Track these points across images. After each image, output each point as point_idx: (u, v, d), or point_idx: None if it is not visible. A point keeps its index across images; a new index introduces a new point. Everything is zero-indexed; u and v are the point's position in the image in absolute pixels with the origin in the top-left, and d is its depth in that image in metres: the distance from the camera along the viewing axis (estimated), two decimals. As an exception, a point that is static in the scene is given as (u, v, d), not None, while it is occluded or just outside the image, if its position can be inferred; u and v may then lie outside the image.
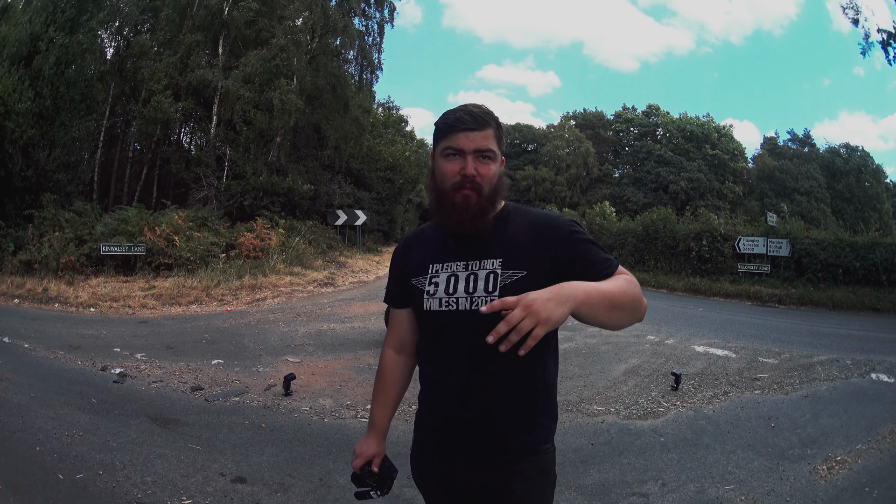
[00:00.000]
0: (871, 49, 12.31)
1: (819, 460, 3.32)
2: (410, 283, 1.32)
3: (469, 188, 1.22)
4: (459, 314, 1.23)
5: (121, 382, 4.58)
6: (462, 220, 1.23)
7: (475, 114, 1.23)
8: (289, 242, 13.51)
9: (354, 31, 18.00)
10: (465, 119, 1.22)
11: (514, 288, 1.17)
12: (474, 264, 1.24)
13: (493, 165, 1.24)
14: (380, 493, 1.41)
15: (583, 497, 2.82)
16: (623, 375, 5.10)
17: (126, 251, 10.87)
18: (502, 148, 1.28)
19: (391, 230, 27.34)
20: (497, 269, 1.21)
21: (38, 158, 12.01)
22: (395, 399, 1.47)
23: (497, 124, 1.26)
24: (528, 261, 1.21)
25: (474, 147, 1.21)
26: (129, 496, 2.64)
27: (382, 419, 1.45)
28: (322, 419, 3.92)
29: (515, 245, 1.23)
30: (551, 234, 1.23)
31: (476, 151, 1.22)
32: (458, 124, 1.23)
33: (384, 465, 1.41)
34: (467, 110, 1.24)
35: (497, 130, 1.25)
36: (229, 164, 16.63)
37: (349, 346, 6.14)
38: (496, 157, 1.25)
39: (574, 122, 41.29)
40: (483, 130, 1.22)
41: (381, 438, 1.44)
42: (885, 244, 12.12)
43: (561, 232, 1.23)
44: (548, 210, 1.30)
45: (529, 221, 1.26)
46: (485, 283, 1.21)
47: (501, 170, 1.28)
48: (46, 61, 12.11)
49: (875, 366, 5.64)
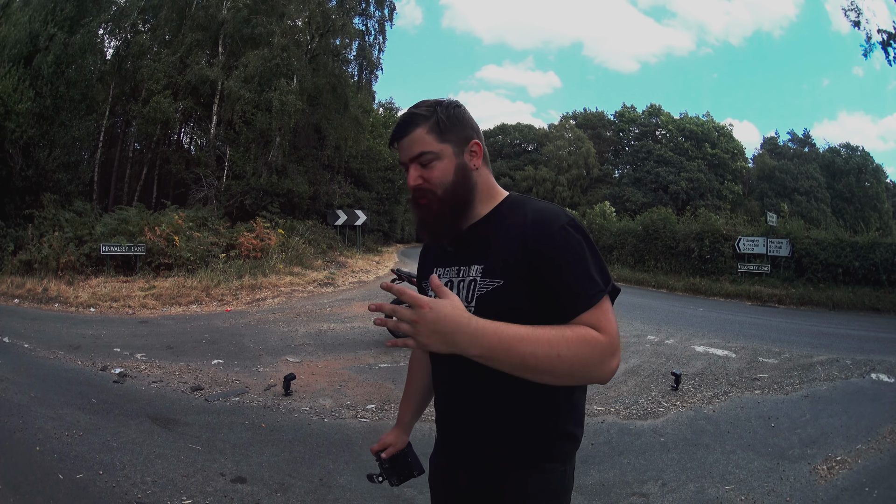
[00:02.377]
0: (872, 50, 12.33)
1: (819, 460, 3.31)
2: (422, 285, 1.29)
3: (423, 198, 1.12)
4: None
5: (121, 382, 4.57)
6: (429, 231, 1.15)
7: (402, 119, 1.12)
8: (289, 242, 13.51)
9: (354, 31, 18.01)
10: (395, 130, 1.13)
11: (490, 298, 1.06)
12: (465, 270, 1.12)
13: (440, 164, 1.10)
14: (383, 479, 1.43)
15: (583, 497, 2.82)
16: (623, 375, 5.10)
17: (126, 251, 10.87)
18: (453, 136, 1.11)
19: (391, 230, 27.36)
20: (477, 276, 1.09)
21: (38, 158, 12.02)
22: (417, 393, 1.44)
23: (433, 115, 1.11)
24: (506, 267, 1.05)
25: (409, 156, 1.11)
26: (129, 496, 2.64)
27: (404, 412, 1.45)
28: (322, 419, 3.92)
29: (499, 248, 1.08)
30: (534, 237, 1.04)
31: (412, 160, 1.11)
32: (392, 138, 1.14)
33: (399, 457, 1.43)
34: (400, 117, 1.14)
35: (435, 123, 1.10)
36: (229, 164, 16.65)
37: (349, 346, 6.14)
38: (441, 155, 1.10)
39: (574, 122, 41.31)
40: (410, 133, 1.10)
41: (400, 431, 1.44)
42: (885, 244, 12.11)
43: (545, 236, 1.03)
44: (550, 205, 1.10)
45: (522, 218, 1.07)
46: (466, 291, 1.09)
47: (461, 161, 1.11)
48: (45, 61, 12.12)
49: (875, 366, 5.64)
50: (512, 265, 1.05)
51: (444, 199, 1.11)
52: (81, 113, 13.37)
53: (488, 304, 1.06)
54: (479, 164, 1.14)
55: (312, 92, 16.95)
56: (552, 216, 1.06)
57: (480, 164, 1.14)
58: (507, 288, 1.05)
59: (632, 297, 11.04)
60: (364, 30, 18.53)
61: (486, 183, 1.15)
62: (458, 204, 1.12)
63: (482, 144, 1.15)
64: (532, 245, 1.04)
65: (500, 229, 1.10)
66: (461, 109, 1.14)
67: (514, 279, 1.05)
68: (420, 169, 1.11)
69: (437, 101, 1.13)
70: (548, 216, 1.07)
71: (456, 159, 1.11)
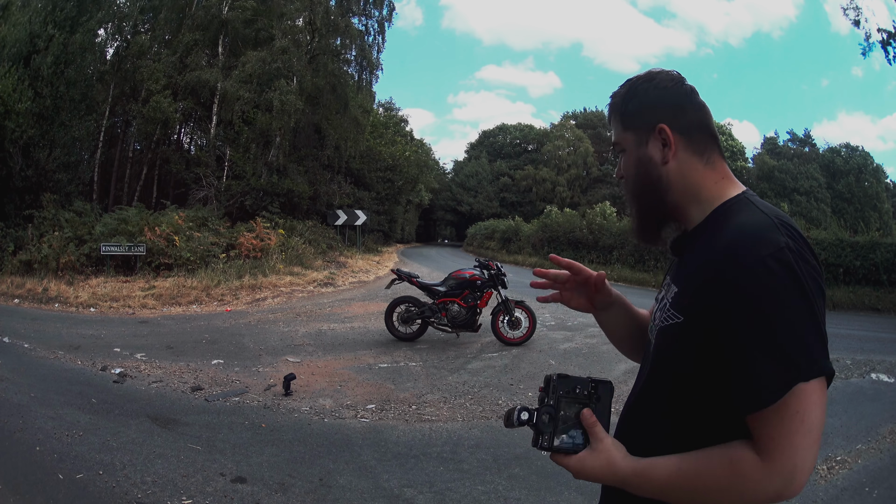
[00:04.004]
0: (871, 49, 12.32)
1: (819, 460, 3.32)
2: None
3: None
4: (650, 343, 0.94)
5: (121, 382, 4.57)
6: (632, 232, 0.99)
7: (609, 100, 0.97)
8: (289, 242, 13.52)
9: (354, 31, 18.01)
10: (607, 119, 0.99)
11: (667, 336, 0.85)
12: (668, 287, 0.92)
13: (624, 157, 0.94)
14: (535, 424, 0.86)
15: (583, 497, 2.81)
16: (623, 375, 5.09)
17: (126, 251, 10.86)
18: (635, 122, 0.90)
19: (391, 230, 27.36)
20: (668, 299, 0.88)
21: (38, 158, 12.02)
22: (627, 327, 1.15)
23: (621, 99, 0.93)
24: (688, 304, 0.81)
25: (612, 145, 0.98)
26: (129, 496, 2.64)
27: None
28: (322, 419, 3.92)
29: (689, 273, 0.84)
30: (717, 269, 0.76)
31: (613, 148, 0.97)
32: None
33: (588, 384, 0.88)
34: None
35: (622, 106, 0.92)
36: (229, 165, 16.65)
37: (349, 346, 6.14)
38: (624, 146, 0.92)
39: (574, 122, 41.32)
40: (610, 121, 0.96)
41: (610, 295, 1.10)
42: (885, 244, 12.11)
43: (730, 270, 0.74)
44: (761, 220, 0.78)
45: (718, 236, 0.81)
46: (659, 314, 0.90)
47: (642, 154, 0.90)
48: (45, 61, 12.12)
49: (875, 366, 5.64)
50: (694, 300, 0.80)
51: (631, 197, 0.94)
52: (81, 113, 13.37)
53: (664, 342, 0.86)
54: (671, 155, 0.88)
55: (312, 92, 16.95)
56: (752, 240, 0.75)
57: (672, 157, 0.88)
58: (684, 331, 0.81)
59: (632, 297, 10.95)
60: (364, 30, 18.54)
61: (689, 180, 0.88)
62: (642, 205, 0.93)
63: (675, 128, 0.87)
64: (713, 281, 0.76)
65: (701, 246, 0.85)
66: (650, 85, 0.90)
67: (692, 322, 0.80)
68: (620, 161, 0.96)
69: (630, 81, 0.94)
70: (745, 239, 0.75)
71: (636, 151, 0.91)
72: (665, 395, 0.85)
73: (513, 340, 6.17)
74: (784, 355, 0.70)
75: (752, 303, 0.71)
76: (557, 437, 0.86)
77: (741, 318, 0.72)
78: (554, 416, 0.86)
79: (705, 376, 0.78)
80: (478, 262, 6.50)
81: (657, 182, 0.89)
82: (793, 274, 0.71)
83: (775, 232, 0.75)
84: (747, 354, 0.72)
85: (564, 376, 0.87)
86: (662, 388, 0.86)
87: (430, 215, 43.80)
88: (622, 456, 0.83)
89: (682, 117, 0.88)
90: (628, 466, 0.81)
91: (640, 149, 0.90)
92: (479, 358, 5.67)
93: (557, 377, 0.87)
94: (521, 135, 45.07)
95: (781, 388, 0.70)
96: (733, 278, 0.74)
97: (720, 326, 0.74)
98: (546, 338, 6.61)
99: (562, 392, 0.86)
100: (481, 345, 6.22)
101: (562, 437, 0.86)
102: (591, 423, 0.84)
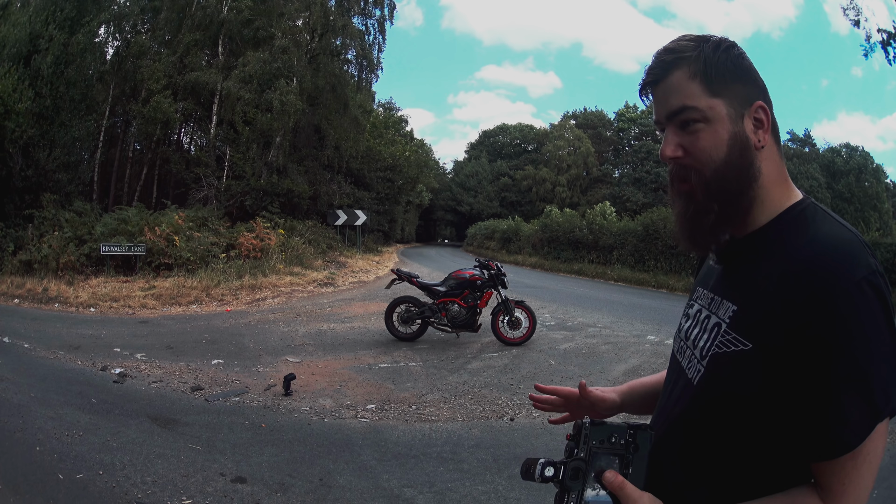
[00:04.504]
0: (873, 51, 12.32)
1: (819, 460, 3.31)
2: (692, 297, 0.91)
3: (684, 181, 0.75)
4: (684, 369, 0.82)
5: (121, 382, 4.58)
6: (685, 233, 0.78)
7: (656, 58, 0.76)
8: (289, 242, 13.52)
9: (354, 31, 18.01)
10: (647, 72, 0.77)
11: (726, 365, 0.71)
12: (716, 303, 0.77)
13: (707, 131, 0.72)
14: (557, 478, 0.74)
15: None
16: (623, 375, 5.09)
17: (126, 251, 10.87)
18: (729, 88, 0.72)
19: (391, 230, 27.37)
20: (724, 320, 0.74)
21: (38, 158, 12.03)
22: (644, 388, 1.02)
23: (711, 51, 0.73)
24: (762, 328, 0.68)
25: (664, 112, 0.75)
26: (129, 496, 2.64)
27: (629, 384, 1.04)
28: (322, 419, 3.92)
29: (759, 289, 0.70)
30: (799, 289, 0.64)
31: (669, 117, 0.75)
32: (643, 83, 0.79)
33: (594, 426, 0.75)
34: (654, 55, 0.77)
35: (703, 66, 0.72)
36: (229, 165, 16.66)
37: (349, 346, 6.14)
38: (710, 116, 0.72)
39: (574, 122, 41.35)
40: (668, 77, 0.74)
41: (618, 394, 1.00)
42: (885, 244, 12.10)
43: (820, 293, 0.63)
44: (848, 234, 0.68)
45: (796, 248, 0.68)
46: (707, 337, 0.76)
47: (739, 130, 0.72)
48: (45, 61, 12.13)
49: (875, 366, 5.64)
50: (766, 323, 0.67)
51: (711, 184, 0.73)
52: (81, 113, 13.38)
53: (720, 373, 0.72)
54: (768, 140, 0.74)
55: (312, 92, 16.96)
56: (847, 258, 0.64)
57: (769, 142, 0.74)
58: (755, 359, 0.68)
59: (632, 297, 11.05)
60: (364, 29, 18.56)
61: (774, 173, 0.75)
62: (730, 196, 0.73)
63: (770, 112, 0.74)
64: (800, 301, 0.64)
65: (768, 257, 0.71)
66: (742, 54, 0.74)
67: (767, 350, 0.67)
68: (679, 134, 0.74)
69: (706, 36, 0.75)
70: (840, 256, 0.64)
71: (731, 125, 0.72)
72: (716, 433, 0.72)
73: (513, 340, 6.17)
74: (869, 393, 0.61)
75: (848, 331, 0.61)
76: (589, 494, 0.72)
77: (825, 352, 0.61)
78: (584, 471, 0.73)
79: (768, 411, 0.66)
80: (478, 262, 6.50)
81: (749, 168, 0.72)
82: (884, 302, 0.62)
83: (865, 252, 0.65)
84: (828, 393, 0.61)
85: (599, 423, 0.74)
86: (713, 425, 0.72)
87: (430, 215, 43.83)
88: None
89: (769, 99, 0.75)
90: None
91: (737, 124, 0.72)
92: (479, 358, 5.67)
93: (590, 424, 0.75)
94: (521, 135, 45.09)
95: (866, 430, 0.61)
96: (829, 300, 0.61)
97: (806, 355, 0.62)
98: (546, 338, 6.61)
99: (595, 442, 0.74)
100: (481, 345, 6.22)
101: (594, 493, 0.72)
102: (618, 485, 0.69)
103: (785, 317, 0.64)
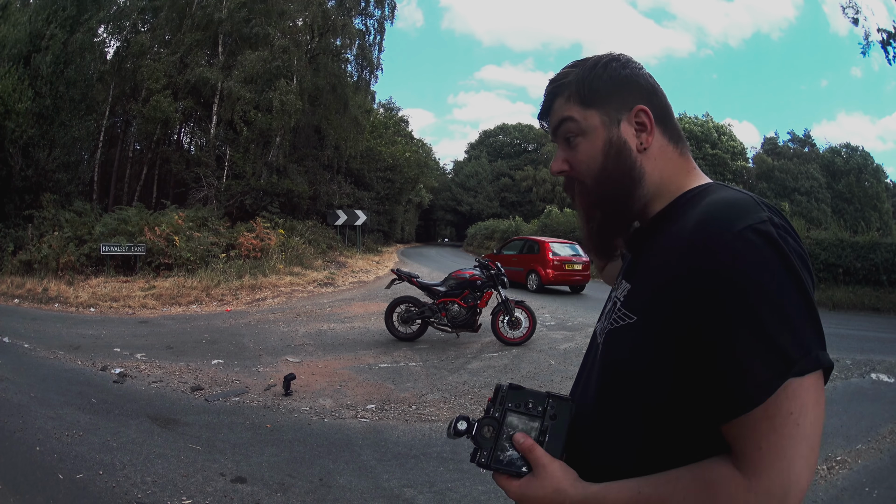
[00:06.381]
0: (870, 49, 12.34)
1: (819, 460, 3.31)
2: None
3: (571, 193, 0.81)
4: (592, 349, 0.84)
5: (121, 382, 4.58)
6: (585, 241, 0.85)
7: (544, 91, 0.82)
8: (289, 242, 13.52)
9: (354, 31, 18.01)
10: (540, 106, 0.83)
11: (617, 339, 0.74)
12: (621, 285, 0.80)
13: (584, 143, 0.76)
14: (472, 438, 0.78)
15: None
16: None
17: (126, 251, 10.87)
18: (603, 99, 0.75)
19: (391, 230, 27.38)
20: (619, 299, 0.77)
21: (38, 158, 12.03)
22: None
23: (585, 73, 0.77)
24: (647, 299, 0.70)
25: (552, 130, 0.81)
26: (129, 496, 2.64)
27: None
28: (322, 419, 3.92)
29: (650, 266, 0.73)
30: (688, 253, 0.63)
31: (554, 133, 0.80)
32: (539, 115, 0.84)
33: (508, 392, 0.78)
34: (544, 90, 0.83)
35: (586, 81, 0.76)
36: (229, 164, 16.67)
37: (349, 346, 6.14)
38: (584, 127, 0.76)
39: (574, 122, 41.33)
40: (555, 101, 0.79)
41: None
42: (885, 244, 12.12)
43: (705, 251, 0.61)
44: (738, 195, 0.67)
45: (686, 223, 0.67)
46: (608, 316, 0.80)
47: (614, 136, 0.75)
48: (45, 60, 12.12)
49: (875, 366, 5.63)
50: (653, 297, 0.68)
51: (593, 193, 0.77)
52: (81, 113, 13.38)
53: (613, 346, 0.75)
54: (650, 141, 0.75)
55: (312, 92, 16.97)
56: (725, 214, 0.63)
57: (651, 142, 0.75)
58: (638, 331, 0.70)
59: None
60: (364, 30, 18.55)
61: (669, 169, 0.76)
62: (613, 202, 0.76)
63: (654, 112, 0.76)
64: (683, 268, 0.63)
65: (660, 234, 0.73)
66: (618, 64, 0.77)
67: (651, 321, 0.68)
68: (565, 149, 0.78)
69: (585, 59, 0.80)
70: (717, 214, 0.64)
71: (605, 133, 0.75)
72: (619, 407, 0.72)
73: (513, 340, 6.17)
74: (771, 345, 0.57)
75: (728, 285, 0.58)
76: (503, 455, 0.73)
77: (713, 306, 0.59)
78: (497, 431, 0.75)
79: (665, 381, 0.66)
80: (478, 262, 6.50)
81: (629, 172, 0.75)
82: (776, 247, 0.59)
83: (755, 206, 0.63)
84: (722, 348, 0.58)
85: (517, 387, 0.76)
86: (615, 399, 0.73)
87: (430, 215, 43.83)
88: (571, 482, 0.70)
89: (657, 101, 0.77)
90: (578, 494, 0.68)
91: (612, 130, 0.75)
92: (479, 358, 5.67)
93: (508, 387, 0.77)
94: (521, 135, 45.09)
95: (770, 384, 0.57)
96: (711, 255, 0.60)
97: (686, 322, 0.62)
98: (546, 338, 6.61)
99: (510, 405, 0.75)
100: (481, 345, 6.22)
101: (507, 454, 0.73)
102: (527, 447, 0.71)
103: (671, 286, 0.64)
